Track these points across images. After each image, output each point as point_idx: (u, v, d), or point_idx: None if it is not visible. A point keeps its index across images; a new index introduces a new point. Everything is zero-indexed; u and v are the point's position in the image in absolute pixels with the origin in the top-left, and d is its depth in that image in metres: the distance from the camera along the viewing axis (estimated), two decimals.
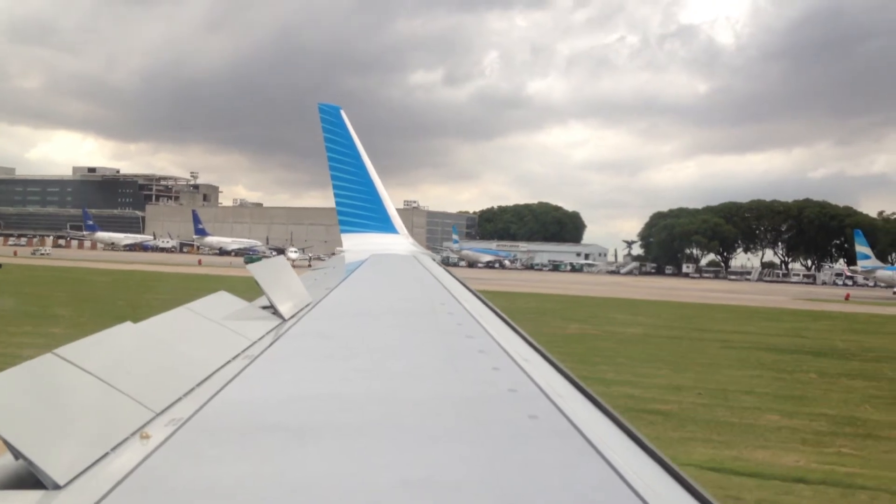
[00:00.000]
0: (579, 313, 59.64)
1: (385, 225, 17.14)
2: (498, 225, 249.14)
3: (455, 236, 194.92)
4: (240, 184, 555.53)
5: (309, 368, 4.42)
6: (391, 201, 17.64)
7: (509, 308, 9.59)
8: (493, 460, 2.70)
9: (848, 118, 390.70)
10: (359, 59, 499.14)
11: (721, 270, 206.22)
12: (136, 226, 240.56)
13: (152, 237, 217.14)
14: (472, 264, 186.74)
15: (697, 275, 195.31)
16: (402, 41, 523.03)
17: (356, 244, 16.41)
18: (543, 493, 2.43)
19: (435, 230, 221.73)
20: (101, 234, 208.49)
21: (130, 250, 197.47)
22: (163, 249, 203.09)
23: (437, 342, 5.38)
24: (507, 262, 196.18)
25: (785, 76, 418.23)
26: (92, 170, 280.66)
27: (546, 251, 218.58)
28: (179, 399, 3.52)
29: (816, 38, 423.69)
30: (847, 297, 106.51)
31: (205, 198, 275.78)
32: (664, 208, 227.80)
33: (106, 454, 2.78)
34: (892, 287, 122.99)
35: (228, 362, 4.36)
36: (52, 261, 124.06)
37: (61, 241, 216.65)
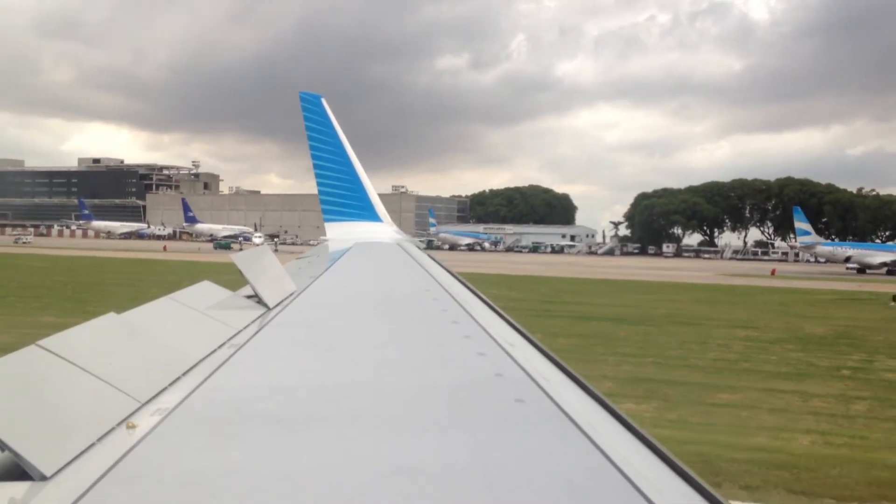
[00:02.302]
0: None
1: (368, 213, 17.06)
2: (488, 208, 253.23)
3: (432, 220, 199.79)
4: (272, 172, 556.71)
5: (294, 357, 4.43)
6: (374, 188, 17.67)
7: None
8: (482, 445, 2.75)
9: (884, 94, 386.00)
10: (384, 46, 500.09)
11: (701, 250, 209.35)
12: (137, 215, 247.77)
13: (146, 225, 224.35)
14: (452, 247, 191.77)
15: (671, 254, 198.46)
16: (428, 26, 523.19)
17: (340, 233, 16.23)
18: (532, 476, 2.49)
19: (424, 214, 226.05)
20: (96, 223, 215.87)
21: (127, 238, 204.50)
22: (159, 237, 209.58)
23: (422, 329, 5.37)
24: (486, 245, 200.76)
25: (820, 52, 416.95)
26: (97, 160, 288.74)
27: (532, 233, 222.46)
28: (165, 389, 3.52)
29: (851, 13, 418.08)
30: (773, 273, 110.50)
31: (206, 186, 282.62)
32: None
33: (92, 444, 2.79)
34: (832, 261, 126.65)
35: (213, 351, 4.36)
36: (25, 249, 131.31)
37: (66, 230, 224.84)
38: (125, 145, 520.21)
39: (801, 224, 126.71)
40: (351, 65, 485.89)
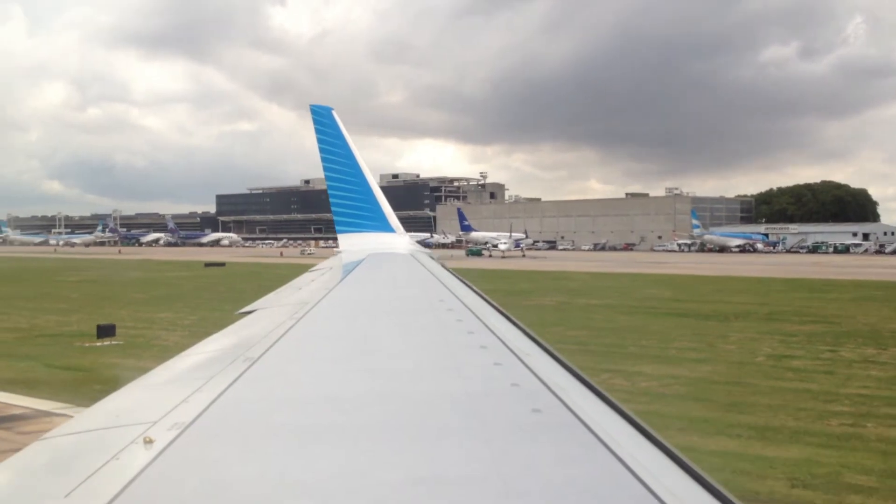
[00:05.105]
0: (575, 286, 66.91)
1: (381, 224, 16.99)
2: (774, 207, 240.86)
3: (695, 221, 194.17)
4: (592, 178, 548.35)
5: (311, 369, 4.50)
6: (388, 202, 17.69)
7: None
8: (499, 455, 2.75)
9: None
10: (704, 42, 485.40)
11: None
12: (428, 225, 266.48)
13: (429, 235, 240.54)
14: (722, 249, 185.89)
15: None
16: (752, 17, 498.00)
17: (353, 244, 16.17)
18: (549, 486, 2.49)
19: (703, 216, 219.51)
20: None
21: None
22: (443, 245, 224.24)
23: (438, 339, 5.39)
24: (759, 246, 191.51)
25: None
26: (395, 175, 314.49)
27: (818, 232, 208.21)
28: (182, 402, 3.57)
29: None
30: None
31: (492, 195, 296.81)
32: None
33: (109, 460, 2.82)
34: None
35: (229, 364, 4.43)
36: (301, 259, 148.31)
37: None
38: (451, 159, 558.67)
39: None
40: (670, 64, 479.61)
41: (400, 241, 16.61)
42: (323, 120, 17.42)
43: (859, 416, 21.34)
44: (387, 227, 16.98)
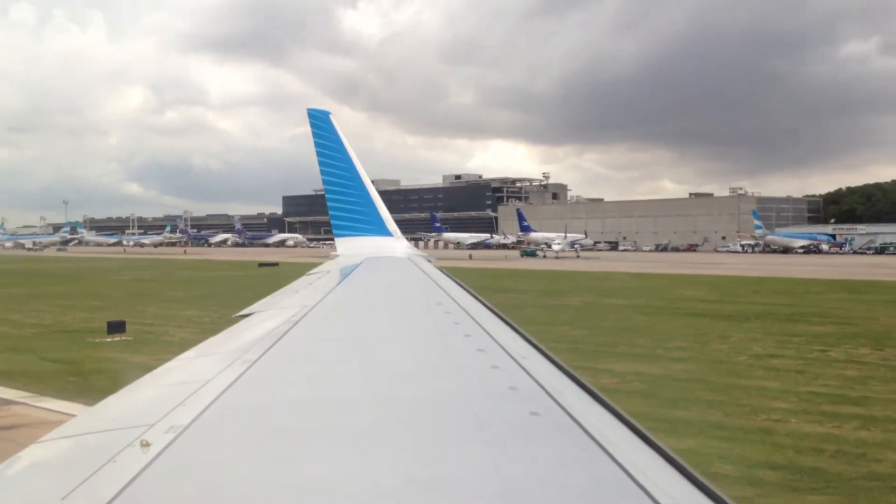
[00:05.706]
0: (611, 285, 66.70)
1: (379, 228, 17.02)
2: (843, 207, 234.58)
3: (757, 222, 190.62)
4: (665, 178, 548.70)
5: (308, 372, 4.50)
6: (384, 204, 17.63)
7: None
8: (497, 458, 2.77)
9: None
10: (781, 38, 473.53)
11: None
12: (490, 226, 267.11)
13: (489, 236, 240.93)
14: (786, 250, 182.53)
15: None
16: (830, 12, 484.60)
17: (350, 247, 16.19)
18: (547, 489, 2.50)
19: (768, 216, 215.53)
20: (447, 235, 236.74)
21: (474, 248, 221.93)
22: (503, 245, 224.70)
23: (435, 342, 5.40)
24: (824, 247, 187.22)
25: None
26: (458, 177, 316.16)
27: (887, 233, 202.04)
28: (179, 405, 3.57)
29: None
30: None
31: (554, 196, 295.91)
32: None
33: (106, 463, 2.81)
34: None
35: (227, 367, 4.42)
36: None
37: (431, 242, 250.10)
38: (521, 160, 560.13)
39: None
40: (746, 61, 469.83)
41: (397, 244, 16.66)
42: (320, 124, 17.63)
43: (792, 412, 21.57)
44: (384, 231, 17.00)
